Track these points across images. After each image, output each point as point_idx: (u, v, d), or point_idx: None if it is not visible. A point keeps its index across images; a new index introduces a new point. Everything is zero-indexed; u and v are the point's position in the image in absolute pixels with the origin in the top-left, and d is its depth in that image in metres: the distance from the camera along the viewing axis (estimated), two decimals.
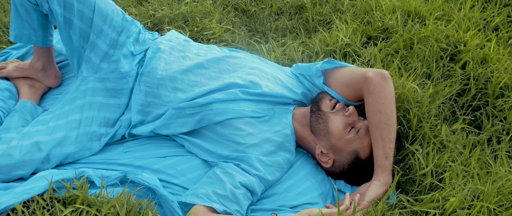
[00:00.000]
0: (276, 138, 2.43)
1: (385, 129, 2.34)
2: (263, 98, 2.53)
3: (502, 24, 3.40)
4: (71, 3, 2.44)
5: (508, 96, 2.75)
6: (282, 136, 2.44)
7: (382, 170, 2.32)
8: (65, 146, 2.43)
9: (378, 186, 2.28)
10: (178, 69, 2.55)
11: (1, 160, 2.31)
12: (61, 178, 2.20)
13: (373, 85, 2.40)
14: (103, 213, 1.99)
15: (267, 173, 2.36)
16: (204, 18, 3.46)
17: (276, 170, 2.39)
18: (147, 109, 2.56)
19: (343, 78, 2.55)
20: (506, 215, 2.08)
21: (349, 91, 2.53)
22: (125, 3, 3.71)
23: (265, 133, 2.43)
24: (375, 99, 2.38)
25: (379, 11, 3.35)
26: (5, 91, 2.77)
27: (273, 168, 2.38)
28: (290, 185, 2.39)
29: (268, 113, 2.50)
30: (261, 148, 2.39)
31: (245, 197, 2.26)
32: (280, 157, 2.41)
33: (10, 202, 2.07)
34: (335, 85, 2.57)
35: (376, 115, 2.36)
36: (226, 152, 2.40)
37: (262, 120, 2.48)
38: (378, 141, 2.35)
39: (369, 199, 2.22)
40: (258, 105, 2.51)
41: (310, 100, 2.69)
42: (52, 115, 2.49)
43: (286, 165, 2.44)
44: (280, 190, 2.38)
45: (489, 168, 2.38)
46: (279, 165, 2.40)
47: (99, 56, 2.54)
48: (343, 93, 2.55)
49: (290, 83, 2.63)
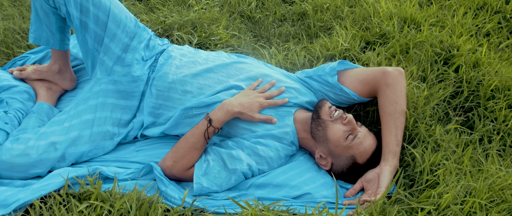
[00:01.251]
0: (277, 134, 2.44)
1: (399, 118, 2.41)
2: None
3: (493, 30, 3.39)
4: (87, 7, 2.46)
5: (498, 98, 2.74)
6: (283, 134, 2.45)
7: (394, 155, 2.36)
8: (79, 145, 2.44)
9: (390, 171, 2.32)
10: (188, 73, 2.56)
11: (19, 159, 2.32)
12: (75, 175, 2.20)
13: (392, 78, 2.47)
14: (116, 208, 1.99)
15: (263, 151, 2.39)
16: (211, 24, 3.46)
17: (271, 151, 2.42)
18: (158, 111, 2.57)
19: (357, 75, 2.59)
20: (496, 210, 2.07)
21: (363, 86, 2.57)
22: (137, 10, 3.72)
23: (268, 130, 2.44)
24: (393, 91, 2.45)
25: (377, 18, 3.34)
26: (23, 93, 2.78)
27: (269, 149, 2.41)
28: (293, 174, 2.40)
29: (271, 114, 2.50)
30: (263, 140, 2.41)
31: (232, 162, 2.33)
32: (278, 144, 2.44)
33: (28, 197, 2.09)
34: (349, 82, 2.60)
35: (392, 105, 2.43)
36: (231, 145, 2.42)
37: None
38: (392, 129, 2.41)
39: (385, 185, 2.26)
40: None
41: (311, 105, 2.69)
42: (67, 115, 2.50)
43: (284, 150, 2.46)
44: (283, 177, 2.39)
45: (481, 166, 2.38)
46: (275, 148, 2.42)
47: (112, 59, 2.55)
48: (357, 88, 2.58)
49: (293, 88, 2.62)
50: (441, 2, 3.61)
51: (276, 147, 2.41)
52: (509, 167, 2.45)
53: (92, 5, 2.46)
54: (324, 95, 2.68)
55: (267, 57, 3.16)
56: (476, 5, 3.54)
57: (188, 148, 2.35)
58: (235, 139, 2.44)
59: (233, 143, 2.43)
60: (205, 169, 2.31)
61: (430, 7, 3.49)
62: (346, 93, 2.59)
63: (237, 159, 2.32)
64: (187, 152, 2.34)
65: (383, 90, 2.49)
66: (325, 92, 2.66)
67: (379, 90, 2.52)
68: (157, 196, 2.10)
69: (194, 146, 2.34)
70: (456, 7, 3.50)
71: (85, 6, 2.46)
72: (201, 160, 2.36)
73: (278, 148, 2.42)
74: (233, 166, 2.30)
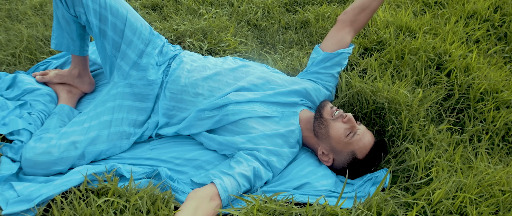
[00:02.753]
0: (284, 133, 2.45)
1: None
2: (273, 99, 2.57)
3: (482, 37, 3.39)
4: (106, 16, 2.47)
5: (487, 100, 2.74)
6: (289, 132, 2.46)
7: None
8: (98, 144, 2.45)
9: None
10: (199, 77, 2.57)
11: (42, 157, 2.33)
12: (94, 172, 2.21)
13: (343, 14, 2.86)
14: (132, 203, 2.00)
15: (276, 162, 2.37)
16: (220, 31, 3.46)
17: (283, 159, 2.41)
18: (171, 112, 2.58)
19: (329, 39, 2.85)
20: (485, 204, 2.07)
21: (338, 38, 2.83)
22: (152, 19, 3.72)
23: (275, 129, 2.45)
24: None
25: (374, 26, 3.34)
26: (46, 96, 2.80)
27: (280, 158, 2.40)
28: (296, 170, 2.41)
29: (278, 114, 2.52)
30: (272, 139, 2.41)
31: (246, 179, 2.26)
32: (287, 149, 2.43)
33: (51, 193, 2.09)
34: (327, 45, 2.84)
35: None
36: (240, 143, 2.41)
37: (272, 120, 2.49)
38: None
39: None
40: (269, 107, 2.53)
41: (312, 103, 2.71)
42: (86, 116, 2.50)
43: (292, 155, 2.46)
44: (286, 174, 2.40)
45: (471, 164, 2.37)
46: (286, 155, 2.42)
47: (129, 64, 2.56)
48: (338, 44, 2.82)
49: (297, 92, 2.65)
50: (434, 11, 3.61)
51: (287, 154, 2.43)
52: (497, 164, 2.46)
53: (110, 14, 2.48)
54: (324, 83, 2.77)
55: (271, 62, 3.17)
56: (466, 14, 3.53)
57: None
58: (249, 153, 2.40)
59: (248, 154, 2.39)
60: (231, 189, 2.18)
61: (424, 16, 3.48)
62: (336, 54, 2.76)
63: (259, 178, 2.32)
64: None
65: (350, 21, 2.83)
66: (324, 79, 2.78)
67: (348, 25, 2.84)
68: (170, 193, 2.11)
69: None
70: (448, 16, 3.49)
71: (104, 15, 2.47)
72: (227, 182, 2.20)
73: (288, 155, 2.44)
74: (255, 185, 2.30)
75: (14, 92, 2.83)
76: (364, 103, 2.67)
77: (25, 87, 2.82)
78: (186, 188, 2.28)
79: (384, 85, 2.65)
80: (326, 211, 1.98)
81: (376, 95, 2.63)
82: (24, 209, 2.05)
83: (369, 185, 2.33)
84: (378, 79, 2.75)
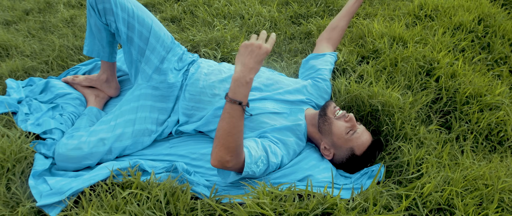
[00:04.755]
0: (292, 126, 2.47)
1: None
2: (282, 97, 2.61)
3: (467, 46, 3.39)
4: (133, 24, 2.53)
5: (472, 103, 2.74)
6: (296, 126, 2.48)
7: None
8: (123, 140, 2.48)
9: None
10: (216, 80, 2.60)
11: (73, 153, 2.36)
12: (119, 167, 2.24)
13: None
14: (153, 195, 2.01)
15: (283, 148, 2.40)
16: (232, 41, 3.47)
17: (289, 148, 2.43)
18: (190, 112, 2.61)
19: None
20: (470, 197, 2.08)
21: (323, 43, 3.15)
22: (171, 30, 3.74)
23: (283, 124, 2.47)
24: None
25: (370, 37, 3.35)
26: (76, 100, 2.84)
27: (287, 147, 2.42)
28: (302, 163, 2.42)
29: (286, 111, 2.55)
30: (281, 132, 2.44)
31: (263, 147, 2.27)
32: (293, 139, 2.46)
33: (80, 186, 2.12)
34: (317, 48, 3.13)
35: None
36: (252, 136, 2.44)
37: (281, 116, 2.52)
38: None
39: None
40: (278, 104, 2.57)
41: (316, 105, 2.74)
42: (113, 115, 2.55)
43: (298, 146, 2.48)
44: (293, 165, 2.42)
45: (457, 160, 2.38)
46: (292, 145, 2.44)
47: (152, 68, 2.59)
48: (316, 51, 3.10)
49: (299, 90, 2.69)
50: (424, 23, 3.61)
51: (292, 144, 2.45)
52: (481, 161, 2.46)
53: (137, 22, 2.54)
54: (318, 76, 2.88)
55: (279, 70, 3.18)
56: (453, 26, 3.53)
57: (237, 138, 2.06)
58: (261, 136, 2.45)
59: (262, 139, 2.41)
60: (254, 159, 2.16)
61: (415, 28, 3.48)
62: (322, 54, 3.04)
63: (275, 155, 2.32)
64: (238, 142, 2.07)
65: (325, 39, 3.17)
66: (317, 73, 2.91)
67: (325, 41, 3.17)
68: (187, 185, 2.12)
69: (240, 133, 2.08)
70: (437, 27, 3.49)
71: (132, 24, 2.53)
72: (250, 150, 2.19)
73: (294, 145, 2.46)
74: (273, 160, 2.28)
75: (47, 96, 2.86)
76: (361, 106, 2.68)
77: (57, 91, 2.85)
78: (201, 180, 2.29)
79: (379, 90, 2.66)
80: (326, 199, 1.99)
81: (372, 99, 2.64)
82: (56, 201, 2.08)
83: (365, 178, 2.33)
84: (373, 84, 2.76)
